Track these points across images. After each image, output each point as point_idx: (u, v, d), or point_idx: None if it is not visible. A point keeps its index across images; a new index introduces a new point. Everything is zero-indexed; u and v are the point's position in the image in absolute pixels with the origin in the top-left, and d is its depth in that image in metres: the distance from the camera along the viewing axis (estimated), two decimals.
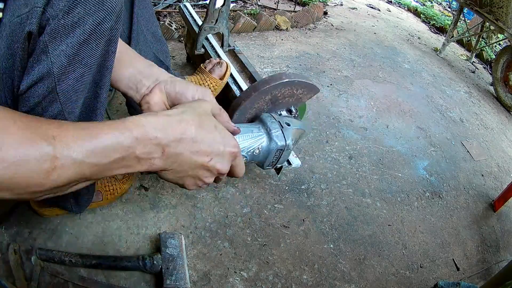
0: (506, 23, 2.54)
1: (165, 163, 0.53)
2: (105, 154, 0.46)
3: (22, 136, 0.41)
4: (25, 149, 0.40)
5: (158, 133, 0.50)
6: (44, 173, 0.42)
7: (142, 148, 0.49)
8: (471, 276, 1.32)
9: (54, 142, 0.43)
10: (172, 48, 1.96)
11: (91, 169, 0.46)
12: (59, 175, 0.43)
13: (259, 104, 0.88)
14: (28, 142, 0.41)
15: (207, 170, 0.58)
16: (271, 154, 0.81)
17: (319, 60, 2.34)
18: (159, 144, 0.50)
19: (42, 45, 0.48)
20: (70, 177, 0.45)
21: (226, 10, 1.40)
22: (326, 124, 1.76)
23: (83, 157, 0.44)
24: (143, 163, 0.50)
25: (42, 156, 0.41)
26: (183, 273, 0.93)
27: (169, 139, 0.51)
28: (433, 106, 2.29)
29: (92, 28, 0.50)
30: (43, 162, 0.42)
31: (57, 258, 0.90)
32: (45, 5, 0.47)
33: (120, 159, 0.48)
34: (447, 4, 5.16)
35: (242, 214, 1.20)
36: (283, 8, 2.91)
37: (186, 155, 0.54)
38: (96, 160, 0.45)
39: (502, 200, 1.62)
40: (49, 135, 0.43)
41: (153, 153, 0.50)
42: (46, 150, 0.42)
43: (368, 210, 1.39)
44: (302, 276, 1.09)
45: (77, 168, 0.44)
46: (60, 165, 0.43)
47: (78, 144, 0.44)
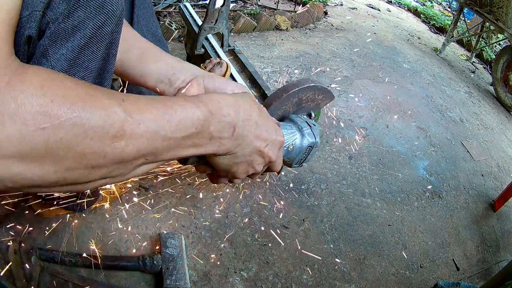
0: (506, 23, 2.54)
1: (232, 144, 0.51)
2: (180, 127, 0.42)
3: (81, 91, 0.34)
4: (86, 104, 0.33)
5: (230, 110, 0.49)
6: (109, 138, 0.35)
7: (216, 124, 0.47)
8: (471, 276, 1.32)
9: (125, 104, 0.37)
10: (172, 48, 1.96)
11: (163, 143, 0.41)
12: (127, 143, 0.37)
13: (286, 106, 0.93)
14: (90, 97, 0.34)
15: (261, 157, 0.59)
16: (302, 151, 0.84)
17: (319, 60, 2.34)
18: (231, 123, 0.49)
19: (42, 49, 0.47)
20: (140, 148, 0.39)
21: (226, 10, 1.40)
22: (326, 124, 1.76)
23: (158, 126, 0.39)
24: (213, 142, 0.48)
25: (109, 116, 0.35)
26: (183, 273, 0.93)
27: (239, 118, 0.50)
28: (433, 106, 2.29)
29: (92, 31, 0.49)
30: (110, 124, 0.35)
31: (57, 258, 0.90)
32: (45, 8, 0.46)
33: (194, 135, 0.44)
34: (447, 4, 5.16)
35: (242, 214, 1.20)
36: (283, 8, 2.91)
37: (250, 138, 0.54)
38: (171, 133, 0.41)
39: (502, 200, 1.62)
40: (117, 96, 0.37)
41: (225, 131, 0.49)
42: (114, 109, 0.35)
43: (368, 210, 1.39)
44: (302, 276, 1.09)
45: (149, 139, 0.39)
46: (130, 131, 0.37)
47: (152, 112, 0.39)
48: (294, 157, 0.85)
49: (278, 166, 0.66)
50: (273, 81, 1.94)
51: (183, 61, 0.70)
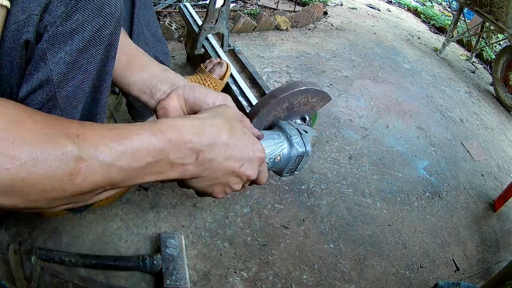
0: (506, 23, 2.54)
1: (198, 169, 0.50)
2: (137, 157, 0.42)
3: (40, 132, 0.36)
4: (43, 146, 0.35)
5: (192, 137, 0.47)
6: (66, 175, 0.37)
7: (176, 152, 0.46)
8: (471, 276, 1.32)
9: (79, 141, 0.38)
10: (172, 48, 1.96)
11: (120, 174, 0.41)
12: (84, 179, 0.38)
13: (276, 112, 0.88)
14: (47, 139, 0.36)
15: (237, 177, 0.57)
16: (291, 161, 0.80)
17: (319, 60, 2.34)
18: (193, 149, 0.47)
19: (40, 53, 0.47)
20: (97, 182, 0.40)
21: (226, 10, 1.40)
22: (326, 124, 1.76)
23: (112, 159, 0.39)
24: (175, 169, 0.47)
25: (64, 155, 0.36)
26: (183, 273, 0.93)
27: (203, 144, 0.48)
28: (433, 106, 2.29)
29: (91, 34, 0.48)
30: (66, 163, 0.36)
31: (57, 258, 0.90)
32: (42, 12, 0.45)
33: (152, 164, 0.44)
34: (447, 4, 5.16)
35: (242, 214, 1.20)
36: (283, 8, 2.91)
37: (219, 161, 0.52)
38: (127, 164, 0.41)
39: (502, 200, 1.62)
40: (72, 133, 0.38)
41: (187, 158, 0.47)
42: (69, 148, 0.36)
43: (368, 210, 1.39)
44: (302, 276, 1.09)
45: (105, 172, 0.40)
46: (85, 167, 0.38)
47: (107, 144, 0.39)
48: (283, 167, 0.82)
49: (262, 179, 0.65)
50: (273, 81, 1.94)
51: (168, 70, 0.68)
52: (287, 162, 0.80)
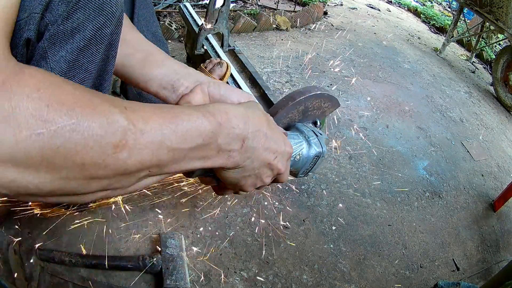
0: (506, 23, 2.54)
1: (241, 157, 0.49)
2: (187, 138, 0.39)
3: (80, 96, 0.32)
4: (86, 111, 0.31)
5: (239, 122, 0.46)
6: (111, 148, 0.32)
7: (225, 136, 0.44)
8: (471, 276, 1.32)
9: (127, 112, 0.34)
10: (172, 48, 1.96)
11: (169, 154, 0.38)
12: (130, 154, 0.34)
13: (292, 114, 0.90)
14: (90, 104, 0.32)
15: (270, 169, 0.57)
16: (308, 161, 0.82)
17: (319, 60, 2.34)
18: (240, 135, 0.47)
19: (41, 51, 0.47)
20: (144, 160, 0.36)
21: (226, 10, 1.40)
22: (326, 124, 1.76)
23: (163, 136, 0.37)
24: (222, 155, 0.46)
25: (111, 124, 0.32)
26: (183, 273, 0.93)
27: (248, 130, 0.48)
28: (433, 106, 2.29)
29: (92, 33, 0.48)
30: (112, 133, 0.32)
31: (57, 258, 0.90)
32: (44, 10, 0.45)
33: (201, 146, 0.42)
34: (447, 4, 5.16)
35: (242, 214, 1.20)
36: (283, 8, 2.91)
37: (259, 151, 0.52)
38: (177, 144, 0.38)
39: (502, 200, 1.62)
40: (119, 103, 0.34)
41: (234, 143, 0.47)
42: (117, 117, 0.33)
43: (368, 210, 1.39)
44: (302, 276, 1.09)
45: (154, 150, 0.36)
46: (133, 141, 0.34)
47: (157, 121, 0.36)
48: (301, 167, 0.83)
49: (285, 177, 0.64)
50: (273, 81, 1.94)
51: (188, 67, 0.68)
52: (305, 161, 0.81)
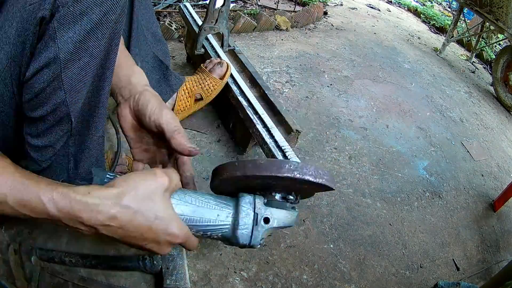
0: (506, 23, 2.54)
1: (97, 236, 0.51)
2: (32, 211, 0.48)
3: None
4: None
5: (83, 214, 0.48)
6: None
7: (67, 221, 0.49)
8: (471, 276, 1.32)
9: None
10: (172, 48, 1.96)
11: (10, 210, 0.48)
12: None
13: (250, 182, 0.65)
14: None
15: (151, 248, 0.56)
16: (232, 243, 0.66)
17: (319, 60, 2.34)
18: (82, 223, 0.49)
19: (51, 31, 0.50)
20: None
21: (226, 10, 1.40)
22: (326, 124, 1.76)
23: (13, 203, 0.47)
24: (72, 227, 0.50)
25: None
26: (183, 273, 0.93)
27: (93, 223, 0.49)
28: (433, 106, 2.29)
29: (99, 17, 0.52)
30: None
31: (57, 258, 0.90)
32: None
33: (46, 219, 0.49)
34: (447, 4, 5.16)
35: None
36: (283, 8, 2.91)
37: (118, 237, 0.52)
38: (26, 212, 0.48)
39: (502, 200, 1.62)
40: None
41: (79, 226, 0.49)
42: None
43: (368, 210, 1.39)
44: (302, 276, 1.09)
45: None
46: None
47: (7, 183, 0.47)
48: (223, 240, 0.67)
49: (188, 248, 0.61)
50: (273, 81, 1.94)
51: (134, 75, 0.69)
52: (228, 243, 0.67)
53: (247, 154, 1.39)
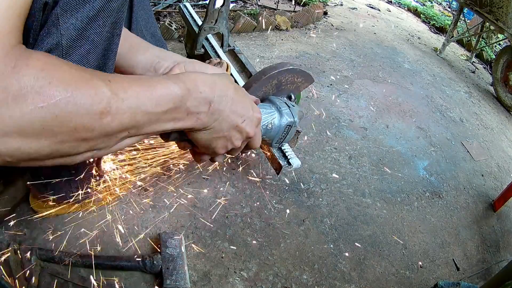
0: (506, 23, 2.54)
1: (209, 119, 0.56)
2: (160, 103, 0.47)
3: (75, 74, 0.39)
4: (79, 86, 0.38)
5: (206, 88, 0.53)
6: (97, 114, 0.40)
7: (193, 100, 0.51)
8: (471, 276, 1.32)
9: (111, 84, 0.42)
10: (172, 48, 1.96)
11: (144, 117, 0.46)
12: (112, 118, 0.42)
13: (266, 88, 0.97)
14: (82, 80, 0.39)
15: (239, 132, 0.63)
16: (281, 130, 0.89)
17: (319, 60, 2.34)
18: (206, 98, 0.53)
19: (53, 18, 0.50)
20: (123, 122, 0.43)
21: (226, 10, 1.40)
22: (326, 124, 1.76)
23: (139, 103, 0.44)
24: (191, 117, 0.53)
25: (97, 95, 0.40)
26: (183, 273, 0.93)
27: (214, 94, 0.55)
28: (433, 106, 2.29)
29: (101, 5, 0.52)
30: (99, 102, 0.40)
31: (57, 258, 0.90)
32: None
33: (172, 109, 0.49)
34: (447, 4, 5.16)
35: (242, 214, 1.20)
36: (283, 8, 2.91)
37: (226, 113, 0.58)
38: (151, 108, 0.46)
39: (502, 200, 1.62)
40: (104, 77, 0.42)
41: (201, 106, 0.53)
42: (102, 89, 0.40)
43: (368, 210, 1.39)
44: (302, 276, 1.09)
45: (132, 114, 0.44)
46: (115, 107, 0.42)
47: (135, 89, 0.44)
48: (274, 136, 0.89)
49: (257, 142, 0.71)
50: None
51: (166, 50, 0.76)
52: (278, 130, 0.88)
53: (246, 154, 1.39)
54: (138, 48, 0.74)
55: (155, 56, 0.73)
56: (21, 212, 1.00)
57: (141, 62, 0.73)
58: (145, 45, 0.76)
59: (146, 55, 0.73)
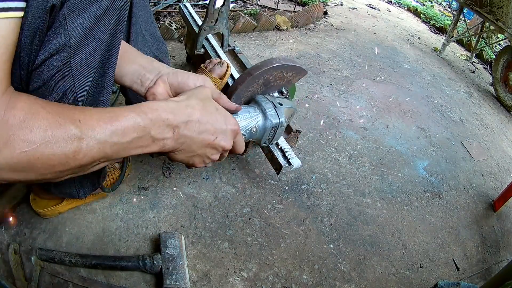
0: (506, 23, 2.54)
1: (176, 143, 0.59)
2: (125, 134, 0.52)
3: (51, 120, 0.45)
4: (54, 131, 0.45)
5: (169, 115, 0.57)
6: (71, 153, 0.47)
7: (156, 128, 0.55)
8: (471, 276, 1.31)
9: (80, 125, 0.48)
10: (172, 48, 1.96)
11: (112, 148, 0.51)
12: (84, 154, 0.48)
13: (253, 88, 0.96)
14: (56, 125, 0.46)
15: (213, 148, 0.65)
16: (267, 132, 0.89)
17: (319, 60, 2.34)
18: (170, 125, 0.57)
19: (61, 18, 0.51)
20: (94, 156, 0.49)
21: (226, 10, 1.40)
22: (326, 124, 1.76)
23: (106, 137, 0.50)
24: (157, 143, 0.57)
25: (69, 137, 0.46)
26: (183, 273, 0.93)
27: (178, 121, 0.58)
28: (433, 106, 2.29)
29: (107, 4, 0.54)
30: (70, 143, 0.46)
31: (57, 258, 0.90)
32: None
33: (137, 139, 0.54)
34: (447, 4, 5.16)
35: (242, 214, 1.20)
36: (283, 8, 2.91)
37: (194, 135, 0.61)
38: (117, 140, 0.51)
39: (502, 200, 1.62)
40: (75, 118, 0.48)
41: (165, 133, 0.57)
42: (73, 132, 0.47)
43: (368, 210, 1.39)
44: (302, 276, 1.09)
45: (100, 147, 0.49)
46: (85, 145, 0.48)
47: (102, 126, 0.49)
48: (260, 138, 0.91)
49: (239, 149, 0.74)
50: None
51: (154, 60, 0.78)
52: (263, 132, 0.89)
53: (247, 154, 1.39)
54: (127, 58, 0.75)
55: (142, 68, 0.75)
56: (21, 212, 1.00)
57: (129, 73, 0.75)
58: (134, 54, 0.77)
59: (133, 66, 0.75)
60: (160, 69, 0.76)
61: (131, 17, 0.89)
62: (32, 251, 0.91)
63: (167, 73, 0.75)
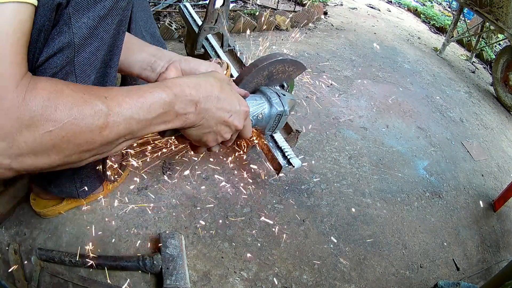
0: (506, 23, 2.54)
1: (196, 118, 0.61)
2: (150, 110, 0.52)
3: (76, 97, 0.45)
4: (80, 108, 0.44)
5: (191, 90, 0.58)
6: (97, 129, 0.46)
7: (180, 103, 0.57)
8: (471, 276, 1.32)
9: (107, 101, 0.47)
10: (172, 48, 1.96)
11: (138, 125, 0.52)
12: (110, 130, 0.48)
13: (258, 79, 1.01)
14: (82, 102, 0.45)
15: (227, 126, 0.68)
16: (271, 119, 0.93)
17: (319, 60, 2.34)
18: (192, 100, 0.59)
19: (66, 17, 0.52)
20: (120, 132, 0.50)
21: (226, 10, 1.40)
22: (326, 124, 1.76)
23: (132, 113, 0.50)
24: (179, 118, 0.58)
25: (96, 113, 0.46)
26: (183, 273, 0.93)
27: (200, 96, 0.60)
28: (433, 106, 2.29)
29: (111, 4, 0.55)
30: (97, 119, 0.46)
31: (57, 258, 0.90)
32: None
33: (162, 114, 0.55)
34: (447, 4, 5.16)
35: (242, 214, 1.20)
36: (283, 8, 2.91)
37: (212, 111, 0.63)
38: (143, 116, 0.52)
39: (502, 200, 1.62)
40: (101, 95, 0.47)
41: (188, 108, 0.58)
42: (100, 107, 0.46)
43: (368, 210, 1.39)
44: (302, 276, 1.09)
45: (127, 124, 0.50)
46: (112, 121, 0.48)
47: (128, 102, 0.50)
48: (265, 125, 0.95)
49: (247, 132, 0.77)
50: None
51: (162, 49, 0.80)
52: (268, 120, 0.93)
53: (247, 154, 1.39)
54: (135, 48, 0.76)
55: (152, 56, 0.77)
56: (21, 212, 1.00)
57: (138, 61, 0.76)
58: (141, 44, 0.78)
59: (143, 54, 0.76)
60: (171, 55, 0.78)
61: (131, 17, 0.89)
62: (32, 251, 0.91)
63: (179, 59, 0.77)
